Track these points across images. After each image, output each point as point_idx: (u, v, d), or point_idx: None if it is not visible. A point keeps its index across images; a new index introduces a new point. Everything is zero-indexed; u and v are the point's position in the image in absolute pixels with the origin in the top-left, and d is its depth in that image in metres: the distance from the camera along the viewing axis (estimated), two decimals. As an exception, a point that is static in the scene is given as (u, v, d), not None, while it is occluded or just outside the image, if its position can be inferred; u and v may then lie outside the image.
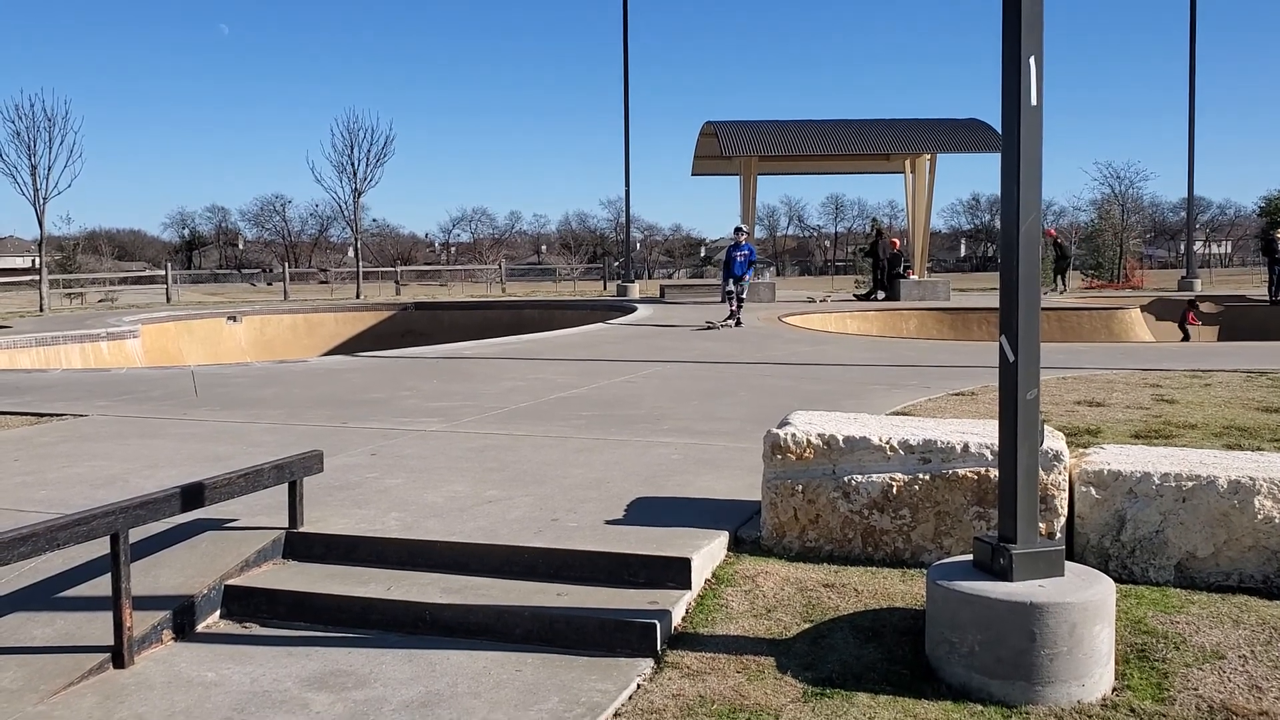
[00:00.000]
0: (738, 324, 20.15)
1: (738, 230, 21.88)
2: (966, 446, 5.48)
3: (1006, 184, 4.42)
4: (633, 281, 35.98)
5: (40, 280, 32.58)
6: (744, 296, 20.95)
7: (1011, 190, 4.39)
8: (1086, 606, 4.13)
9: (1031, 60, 4.34)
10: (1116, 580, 4.75)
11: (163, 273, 39.38)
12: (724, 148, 27.19)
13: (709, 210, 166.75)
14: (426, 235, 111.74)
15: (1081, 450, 5.87)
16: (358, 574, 5.50)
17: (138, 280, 48.48)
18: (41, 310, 30.30)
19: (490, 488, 6.71)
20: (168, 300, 35.36)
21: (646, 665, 4.56)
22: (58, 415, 10.15)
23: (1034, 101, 4.37)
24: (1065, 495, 5.40)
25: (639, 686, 4.37)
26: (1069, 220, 76.65)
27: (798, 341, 17.31)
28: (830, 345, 16.68)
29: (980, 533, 5.09)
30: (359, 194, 38.58)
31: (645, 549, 5.34)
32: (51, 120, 31.12)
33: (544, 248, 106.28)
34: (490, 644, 4.85)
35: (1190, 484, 5.20)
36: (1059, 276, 32.22)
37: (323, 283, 52.33)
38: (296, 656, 4.80)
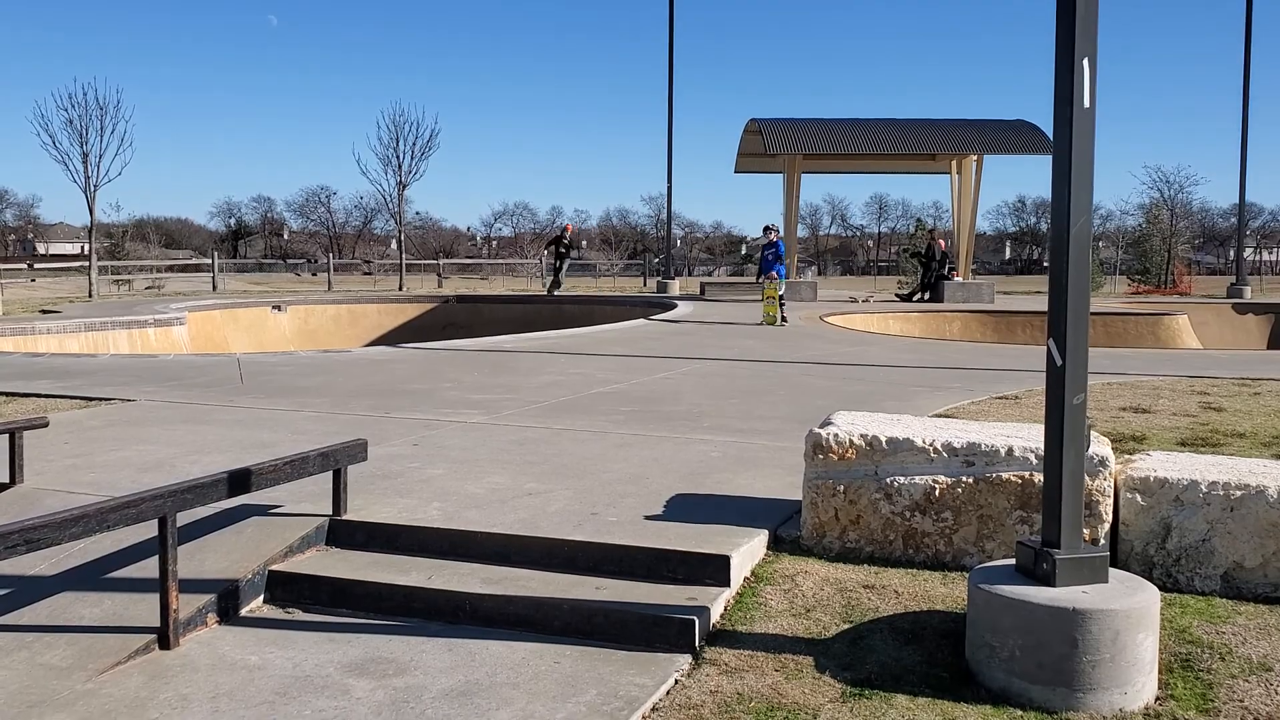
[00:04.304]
0: (783, 321, 20.25)
1: (766, 229, 22.17)
2: (1011, 450, 5.44)
3: (1057, 186, 4.39)
4: (673, 278, 35.91)
5: (90, 267, 33.03)
6: (783, 294, 20.84)
7: (1062, 193, 4.36)
8: (1130, 614, 4.09)
9: (1085, 62, 4.30)
10: (1161, 588, 4.69)
11: (209, 261, 39.84)
12: (768, 145, 27.10)
13: (751, 208, 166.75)
14: (468, 229, 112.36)
15: (1127, 456, 5.81)
16: (399, 562, 5.55)
17: (184, 268, 49.16)
18: (90, 296, 30.75)
19: (530, 480, 6.75)
20: (214, 288, 35.78)
21: (684, 661, 4.57)
22: (106, 400, 10.32)
23: (1086, 104, 4.33)
24: (1110, 501, 5.35)
25: (677, 682, 4.38)
26: (1115, 225, 75.74)
27: (839, 341, 17.24)
28: (872, 346, 16.59)
29: (1023, 537, 5.05)
30: (404, 187, 38.79)
31: (685, 545, 5.34)
32: (103, 109, 31.49)
33: (584, 243, 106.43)
34: (529, 635, 4.88)
35: (1239, 493, 5.13)
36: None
37: (366, 274, 52.73)
38: (338, 642, 4.85)
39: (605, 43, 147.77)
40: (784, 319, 20.31)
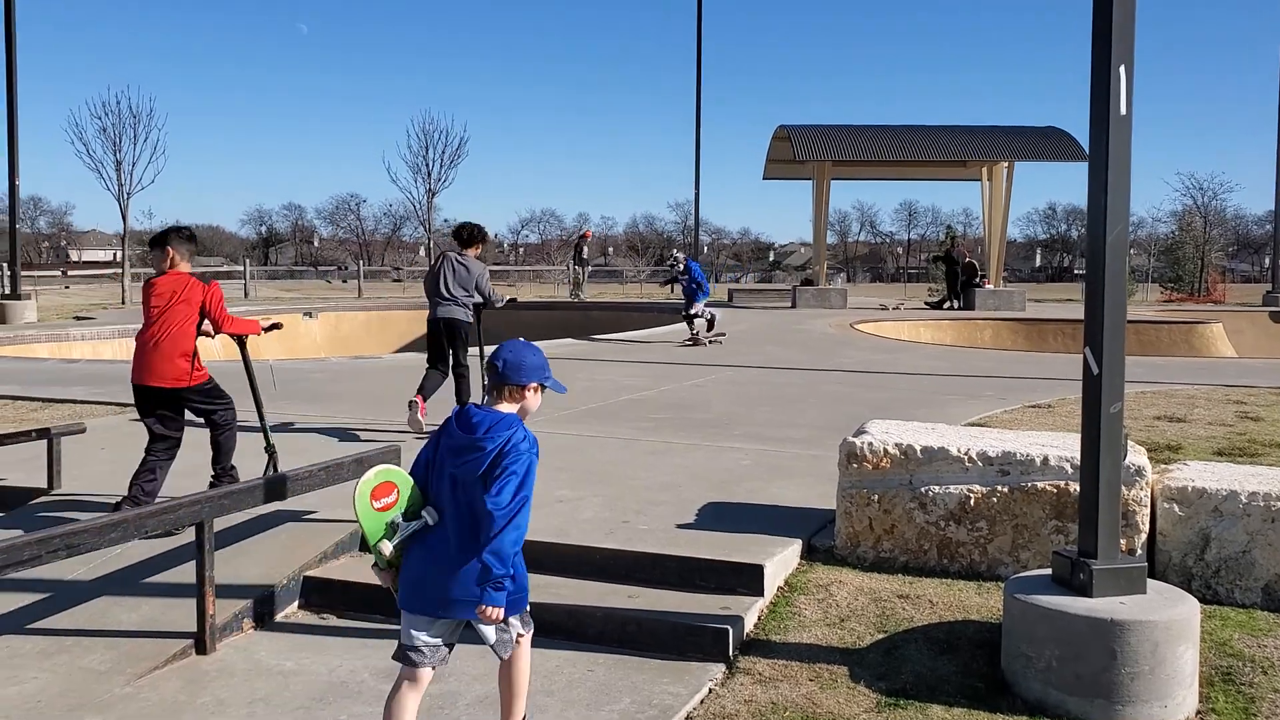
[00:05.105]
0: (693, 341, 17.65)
1: (675, 255, 21.12)
2: (1046, 459, 5.40)
3: (1094, 194, 4.36)
4: (701, 285, 35.86)
5: (123, 273, 33.41)
6: (698, 313, 17.99)
7: (1099, 200, 4.33)
8: (1170, 625, 4.05)
9: (1122, 69, 4.28)
10: (1200, 600, 4.62)
11: (241, 268, 40.15)
12: (797, 152, 27.04)
13: (779, 214, 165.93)
14: (496, 235, 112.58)
15: (1164, 466, 5.75)
16: (432, 569, 5.56)
17: (216, 275, 49.51)
18: (124, 302, 31.06)
19: (560, 487, 6.76)
20: (245, 295, 36.06)
21: (718, 670, 4.56)
22: (142, 405, 10.40)
23: (1123, 110, 4.30)
24: (1147, 511, 5.30)
25: (711, 691, 4.38)
26: (1147, 232, 75.08)
27: (870, 349, 17.17)
28: (903, 353, 16.53)
29: (1059, 547, 5.01)
30: (433, 194, 39.04)
31: (717, 554, 5.34)
32: (136, 117, 31.87)
33: (611, 249, 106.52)
34: (562, 643, 4.88)
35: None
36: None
37: (395, 280, 52.99)
38: (372, 648, 4.87)
39: (633, 49, 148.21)
40: (695, 339, 17.62)
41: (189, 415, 6.57)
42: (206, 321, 6.53)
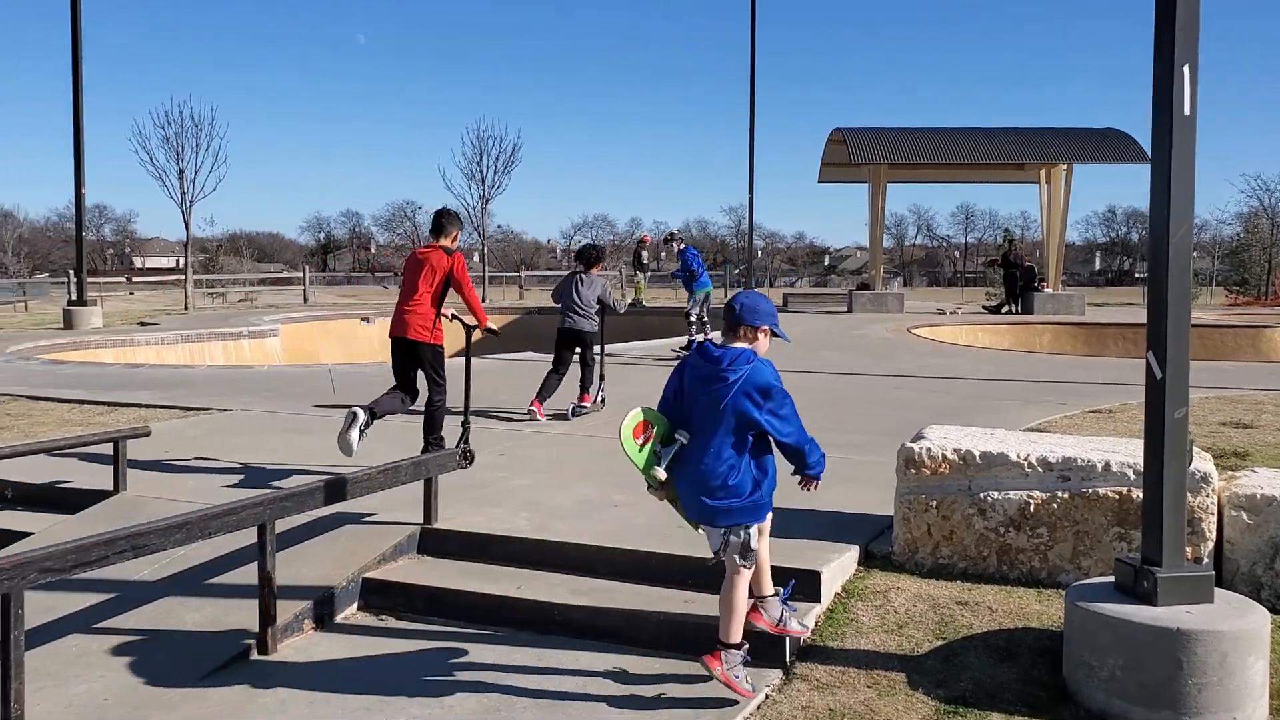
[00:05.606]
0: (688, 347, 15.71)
1: (669, 238, 18.52)
2: (1108, 465, 5.32)
3: (1156, 196, 4.29)
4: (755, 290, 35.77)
5: (186, 280, 34.00)
6: (699, 314, 16.54)
7: (1162, 202, 4.26)
8: (1239, 636, 3.97)
9: (1185, 69, 4.21)
10: (1270, 610, 4.52)
11: (300, 274, 40.75)
12: (852, 155, 26.85)
13: (834, 218, 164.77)
14: (549, 241, 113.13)
15: (1230, 473, 5.64)
16: (489, 571, 5.61)
17: (276, 281, 50.29)
18: (186, 308, 31.62)
19: (616, 492, 6.77)
20: (304, 301, 36.56)
21: (775, 676, 4.54)
22: (204, 410, 10.60)
23: (1187, 111, 4.24)
24: (1214, 519, 5.19)
25: (767, 696, 4.36)
26: (1211, 234, 73.61)
27: (926, 353, 17.01)
28: (960, 358, 16.35)
29: (1122, 554, 4.93)
30: (486, 200, 39.28)
31: (774, 560, 5.29)
32: (198, 126, 32.36)
33: (664, 254, 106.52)
34: (618, 646, 4.89)
35: (1352, 512, 4.95)
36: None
37: (450, 286, 53.32)
38: (432, 650, 4.92)
39: (685, 53, 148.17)
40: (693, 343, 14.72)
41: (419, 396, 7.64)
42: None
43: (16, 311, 31.90)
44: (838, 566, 5.35)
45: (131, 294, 41.29)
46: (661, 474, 4.26)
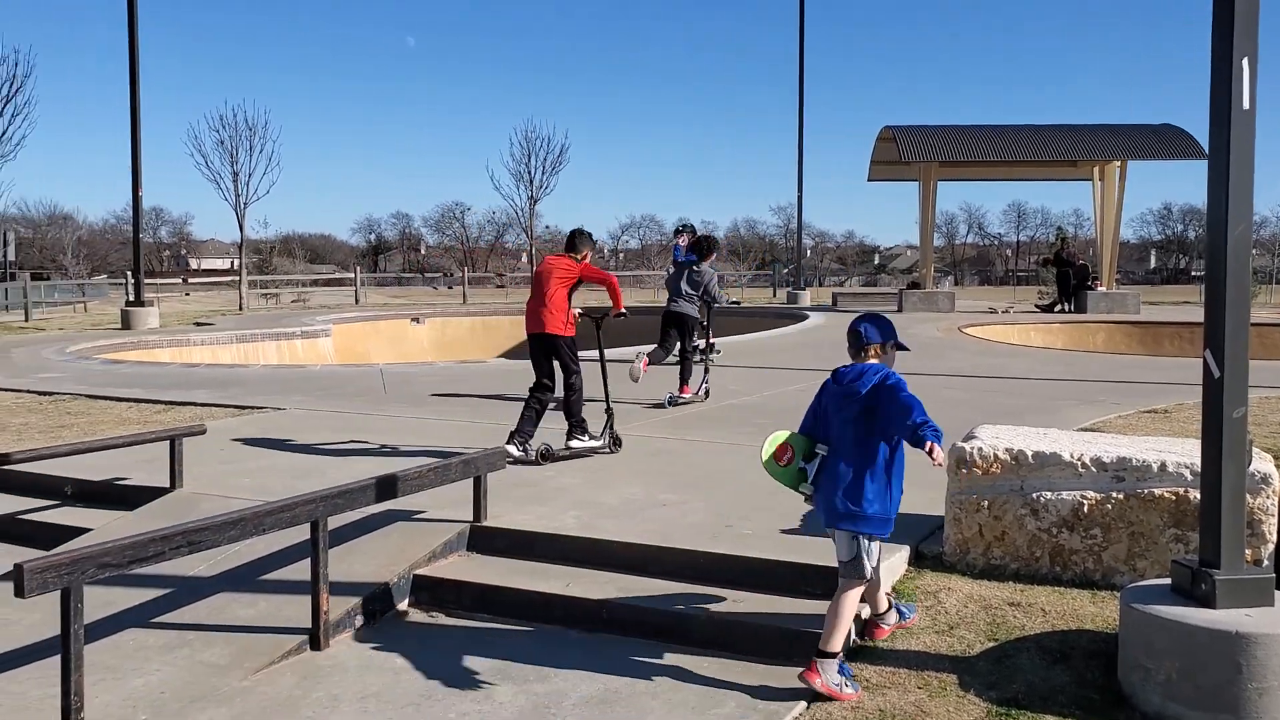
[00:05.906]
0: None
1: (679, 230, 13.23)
2: (1164, 465, 5.23)
3: (1214, 193, 4.22)
4: (803, 289, 35.62)
5: (240, 281, 34.53)
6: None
7: (1220, 198, 4.19)
8: (1300, 639, 3.89)
9: (1244, 62, 4.13)
10: (1332, 613, 4.44)
11: (351, 275, 41.22)
12: (902, 153, 26.63)
13: (883, 217, 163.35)
14: (597, 242, 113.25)
15: (1292, 474, 5.52)
16: (538, 569, 5.63)
17: (328, 282, 50.92)
18: (241, 309, 32.11)
19: (663, 491, 6.77)
20: (356, 301, 36.96)
21: (824, 675, 4.51)
22: (259, 408, 10.75)
23: (1245, 105, 4.16)
24: (1274, 521, 5.10)
25: (818, 696, 4.33)
26: (1270, 231, 72.24)
27: (978, 353, 16.84)
28: (1012, 358, 16.16)
29: (1179, 556, 4.86)
30: (534, 201, 39.53)
31: (823, 560, 5.28)
32: (252, 129, 32.91)
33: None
34: (667, 645, 4.90)
35: None
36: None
37: (499, 286, 53.73)
38: (481, 647, 4.95)
39: (732, 52, 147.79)
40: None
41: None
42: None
43: (76, 312, 32.56)
44: (888, 567, 5.29)
45: (187, 295, 41.99)
46: (809, 488, 4.57)
